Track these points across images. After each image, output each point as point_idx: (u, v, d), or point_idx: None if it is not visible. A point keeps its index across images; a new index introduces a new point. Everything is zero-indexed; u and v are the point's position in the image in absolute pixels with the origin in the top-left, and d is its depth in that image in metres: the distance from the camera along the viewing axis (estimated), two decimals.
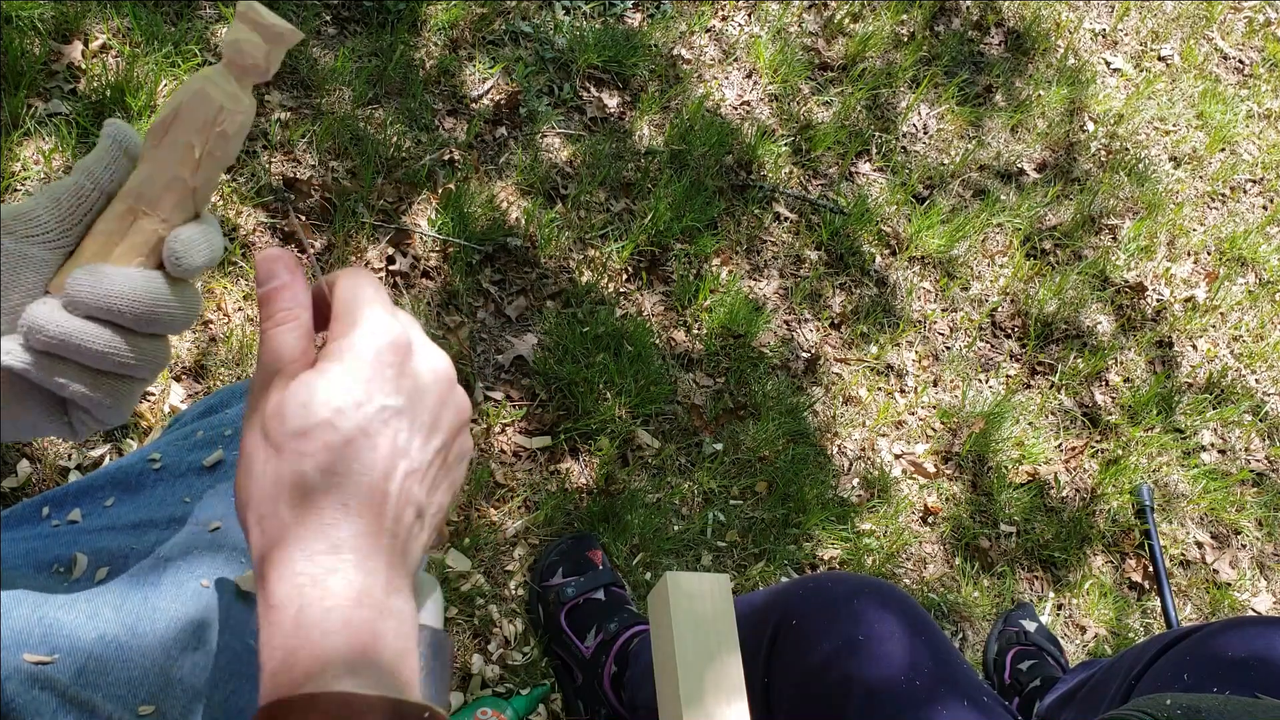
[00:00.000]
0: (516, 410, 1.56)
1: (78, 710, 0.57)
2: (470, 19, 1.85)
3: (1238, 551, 1.88)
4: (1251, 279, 2.23)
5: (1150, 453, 1.90)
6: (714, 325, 1.74)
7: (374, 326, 0.49)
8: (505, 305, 1.64)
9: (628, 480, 1.56)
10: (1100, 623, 1.72)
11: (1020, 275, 2.02)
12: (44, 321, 0.49)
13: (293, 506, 0.46)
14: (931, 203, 2.03)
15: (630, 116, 1.89)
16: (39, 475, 1.31)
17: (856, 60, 2.13)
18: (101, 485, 0.72)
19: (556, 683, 1.40)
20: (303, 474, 0.46)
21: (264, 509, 0.47)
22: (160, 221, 0.52)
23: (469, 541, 1.44)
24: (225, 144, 0.52)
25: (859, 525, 1.66)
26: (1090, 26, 2.47)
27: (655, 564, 1.51)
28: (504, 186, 1.73)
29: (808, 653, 0.97)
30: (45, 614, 0.59)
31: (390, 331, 0.49)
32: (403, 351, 0.49)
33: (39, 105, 1.49)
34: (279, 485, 0.46)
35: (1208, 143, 2.37)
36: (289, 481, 0.46)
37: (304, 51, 1.69)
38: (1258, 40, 2.64)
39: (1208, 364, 2.07)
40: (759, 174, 1.94)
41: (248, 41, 0.52)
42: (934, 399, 1.84)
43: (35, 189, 1.44)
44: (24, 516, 0.70)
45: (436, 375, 0.51)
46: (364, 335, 0.49)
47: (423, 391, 0.50)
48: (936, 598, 1.66)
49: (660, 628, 0.93)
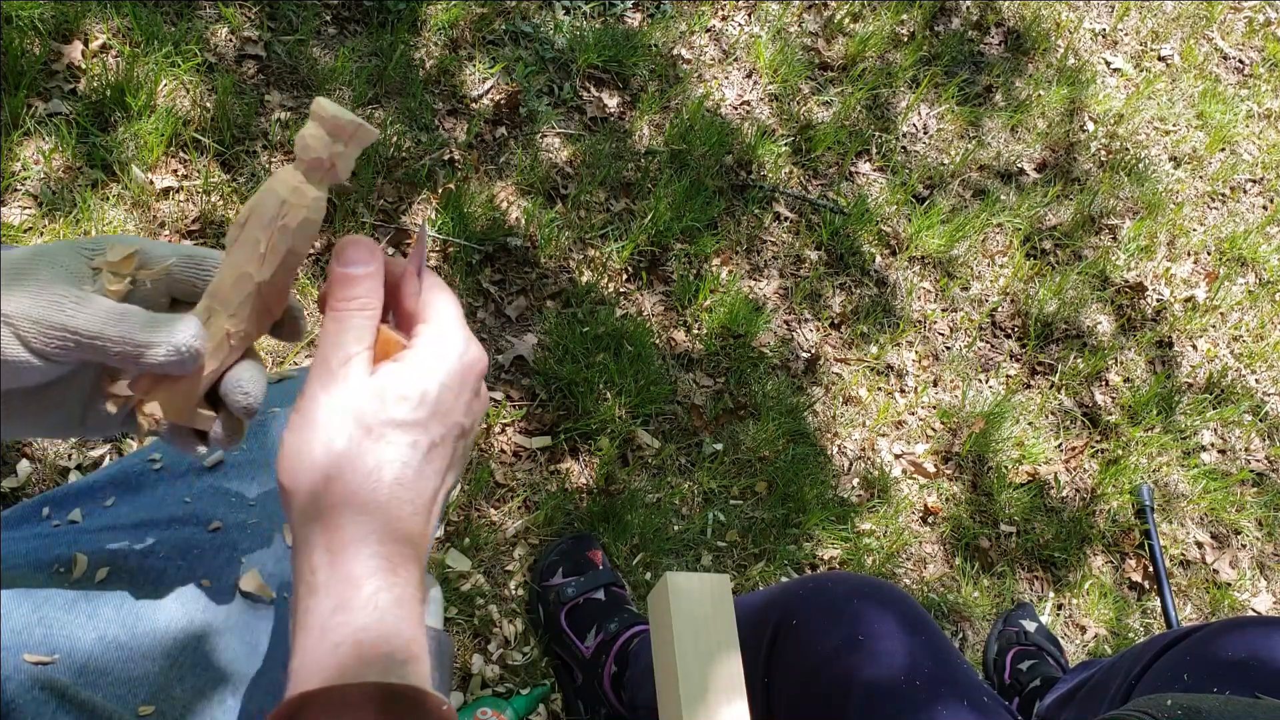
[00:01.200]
0: (516, 410, 1.56)
1: (78, 710, 0.57)
2: (470, 19, 1.85)
3: (1238, 551, 1.88)
4: (1251, 279, 2.23)
5: (1150, 453, 1.90)
6: (714, 325, 1.74)
7: (468, 346, 0.52)
8: (505, 305, 1.64)
9: (628, 480, 1.56)
10: (1100, 623, 1.72)
11: (1020, 275, 2.02)
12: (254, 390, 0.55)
13: (372, 491, 0.47)
14: (931, 203, 2.03)
15: (630, 116, 1.89)
16: (39, 475, 1.31)
17: (856, 60, 2.13)
18: (102, 485, 0.72)
19: (556, 683, 1.40)
20: (390, 464, 0.48)
21: (338, 485, 0.47)
22: (228, 317, 0.53)
23: (469, 541, 1.44)
24: (287, 238, 0.52)
25: (859, 525, 1.66)
26: (1090, 26, 2.47)
27: (655, 564, 1.51)
28: (504, 186, 1.73)
29: (808, 652, 0.97)
30: (45, 614, 0.59)
31: (480, 358, 0.53)
32: (480, 378, 0.53)
33: (39, 105, 1.49)
34: (364, 468, 0.47)
35: (1208, 143, 2.37)
36: (372, 465, 0.47)
37: (304, 51, 1.69)
38: (1258, 40, 2.64)
39: (1208, 364, 2.07)
40: (759, 174, 1.94)
41: (314, 137, 0.52)
42: (934, 399, 1.84)
43: (35, 189, 1.44)
44: (24, 516, 0.70)
45: (485, 407, 0.55)
46: (461, 352, 0.52)
47: (477, 419, 0.53)
48: (936, 598, 1.66)
49: (660, 628, 0.93)
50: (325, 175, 0.53)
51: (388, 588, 0.46)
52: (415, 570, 0.48)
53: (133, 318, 0.50)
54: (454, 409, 0.50)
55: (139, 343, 0.49)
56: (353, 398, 0.48)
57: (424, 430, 0.49)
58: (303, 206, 0.52)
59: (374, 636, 0.45)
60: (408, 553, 0.48)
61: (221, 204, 1.53)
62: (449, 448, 0.51)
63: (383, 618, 0.45)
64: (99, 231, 1.45)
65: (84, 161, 1.48)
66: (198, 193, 1.52)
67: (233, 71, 1.64)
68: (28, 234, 1.41)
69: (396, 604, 0.46)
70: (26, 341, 0.48)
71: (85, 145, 1.48)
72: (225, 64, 1.64)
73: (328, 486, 0.47)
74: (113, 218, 1.46)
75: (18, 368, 0.49)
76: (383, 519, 0.47)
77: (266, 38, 1.69)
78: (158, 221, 1.49)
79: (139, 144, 1.51)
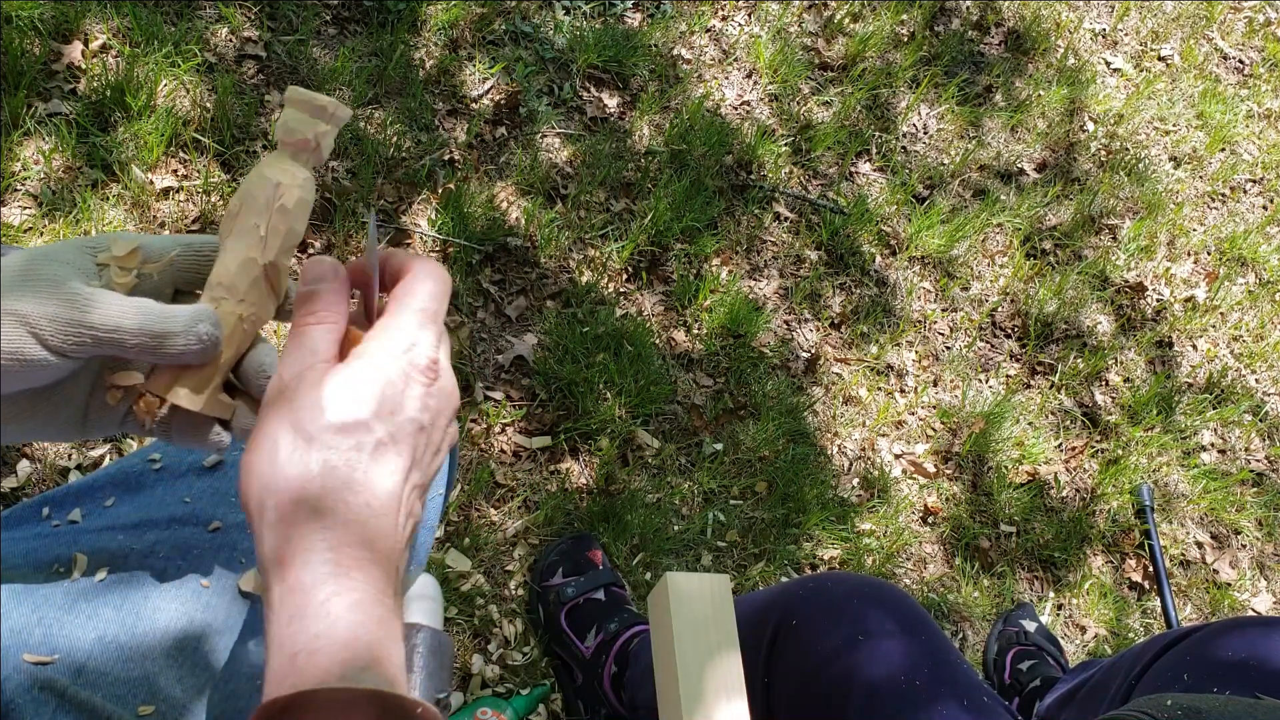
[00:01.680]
0: (516, 410, 1.56)
1: (77, 710, 0.57)
2: (470, 19, 1.85)
3: (1238, 551, 1.88)
4: (1251, 279, 2.23)
5: (1150, 453, 1.90)
6: (714, 325, 1.74)
7: (416, 339, 0.51)
8: (505, 305, 1.64)
9: (628, 480, 1.56)
10: (1100, 623, 1.72)
11: (1020, 275, 2.02)
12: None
13: (317, 498, 0.46)
14: (931, 203, 2.03)
15: (630, 116, 1.89)
16: (39, 475, 1.31)
17: (856, 60, 2.13)
18: (102, 485, 0.72)
19: (556, 683, 1.40)
20: (333, 468, 0.47)
21: (283, 497, 0.47)
22: (238, 303, 0.54)
23: (469, 541, 1.44)
24: (286, 218, 0.54)
25: (859, 525, 1.66)
26: (1090, 26, 2.47)
27: (655, 564, 1.51)
28: (504, 186, 1.73)
29: (808, 652, 0.97)
30: (45, 614, 0.59)
31: (428, 350, 0.51)
32: (434, 372, 0.51)
33: (39, 105, 1.49)
34: (305, 475, 0.47)
35: (1208, 143, 2.37)
36: (317, 472, 0.47)
37: (304, 51, 1.69)
38: (1258, 40, 2.64)
39: (1208, 364, 2.07)
40: (759, 174, 1.94)
41: (296, 119, 0.54)
42: (934, 399, 1.84)
43: (35, 189, 1.44)
44: (24, 516, 0.70)
45: (452, 400, 0.53)
46: (405, 347, 0.50)
47: (439, 413, 0.52)
48: (936, 598, 1.66)
49: (660, 628, 0.93)
50: (311, 155, 0.55)
51: (342, 593, 0.45)
52: (375, 571, 0.47)
53: (148, 310, 0.51)
54: (403, 405, 0.49)
55: (157, 333, 0.50)
56: (295, 409, 0.48)
57: (367, 430, 0.48)
58: (296, 186, 0.54)
59: (326, 644, 0.44)
60: (364, 556, 0.46)
61: (221, 204, 1.53)
62: (405, 445, 0.49)
63: (334, 625, 0.44)
64: (99, 232, 1.45)
65: (84, 161, 1.48)
66: (198, 193, 1.52)
67: (233, 71, 1.64)
68: (28, 234, 1.41)
69: (351, 609, 0.45)
70: (45, 340, 0.49)
71: (85, 145, 1.48)
72: (225, 64, 1.64)
73: (274, 500, 0.47)
74: (113, 218, 1.46)
75: (33, 367, 0.49)
76: (330, 524, 0.46)
77: (266, 38, 1.69)
78: (158, 221, 1.49)
79: (139, 144, 1.51)
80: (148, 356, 0.51)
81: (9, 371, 0.48)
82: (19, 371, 0.49)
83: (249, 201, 0.54)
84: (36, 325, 0.48)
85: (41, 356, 0.49)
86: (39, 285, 0.49)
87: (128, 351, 0.51)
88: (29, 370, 0.49)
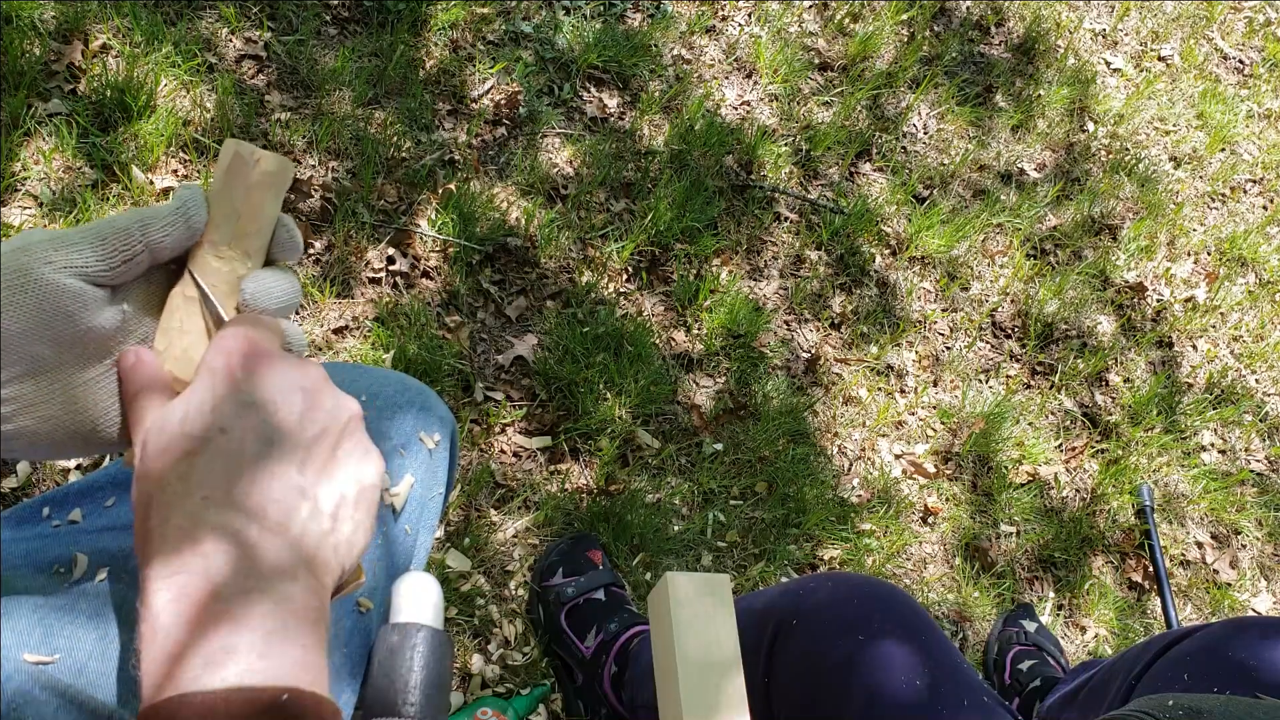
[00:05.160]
0: (516, 410, 1.56)
1: (78, 710, 0.57)
2: (471, 19, 1.85)
3: (1238, 551, 1.88)
4: (1251, 279, 2.23)
5: (1151, 453, 1.90)
6: (714, 325, 1.74)
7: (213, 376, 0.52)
8: (505, 305, 1.64)
9: (628, 480, 1.56)
10: (1100, 623, 1.72)
11: (1020, 275, 2.02)
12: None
13: (157, 511, 0.48)
14: (932, 203, 2.03)
15: (630, 117, 1.89)
16: (39, 475, 1.31)
17: (857, 60, 2.13)
18: (102, 485, 0.72)
19: (556, 683, 1.40)
20: (165, 482, 0.48)
21: (136, 524, 0.49)
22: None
23: (469, 541, 1.43)
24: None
25: (859, 525, 1.66)
26: (1090, 26, 2.47)
27: (655, 564, 1.51)
28: (504, 186, 1.73)
29: (808, 652, 0.97)
30: (45, 614, 0.59)
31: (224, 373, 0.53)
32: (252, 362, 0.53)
33: (39, 105, 1.49)
34: (144, 497, 0.49)
35: (1208, 143, 2.37)
36: (151, 489, 0.49)
37: (304, 51, 1.69)
38: (1258, 40, 2.64)
39: (1208, 364, 2.07)
40: (759, 174, 1.94)
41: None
42: (934, 399, 1.84)
43: (35, 189, 1.44)
44: (24, 516, 0.70)
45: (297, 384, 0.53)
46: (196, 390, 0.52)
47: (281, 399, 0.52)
48: (936, 598, 1.66)
49: (660, 628, 0.93)
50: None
51: (164, 589, 0.45)
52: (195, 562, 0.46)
53: (151, 207, 0.54)
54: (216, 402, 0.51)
55: (175, 209, 0.54)
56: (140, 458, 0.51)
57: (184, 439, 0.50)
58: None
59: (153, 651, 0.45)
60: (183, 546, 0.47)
61: None
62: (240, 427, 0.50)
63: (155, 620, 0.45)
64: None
65: (84, 162, 1.48)
66: None
67: (233, 71, 1.64)
68: None
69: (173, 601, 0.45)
70: (93, 276, 0.51)
71: (85, 145, 1.48)
72: (225, 64, 1.64)
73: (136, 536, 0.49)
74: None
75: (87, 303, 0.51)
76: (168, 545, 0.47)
77: (266, 38, 1.69)
78: None
79: (139, 144, 1.51)
80: (182, 235, 0.54)
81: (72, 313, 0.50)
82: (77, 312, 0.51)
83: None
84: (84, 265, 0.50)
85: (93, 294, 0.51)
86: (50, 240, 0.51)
87: (167, 239, 0.53)
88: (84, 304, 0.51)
